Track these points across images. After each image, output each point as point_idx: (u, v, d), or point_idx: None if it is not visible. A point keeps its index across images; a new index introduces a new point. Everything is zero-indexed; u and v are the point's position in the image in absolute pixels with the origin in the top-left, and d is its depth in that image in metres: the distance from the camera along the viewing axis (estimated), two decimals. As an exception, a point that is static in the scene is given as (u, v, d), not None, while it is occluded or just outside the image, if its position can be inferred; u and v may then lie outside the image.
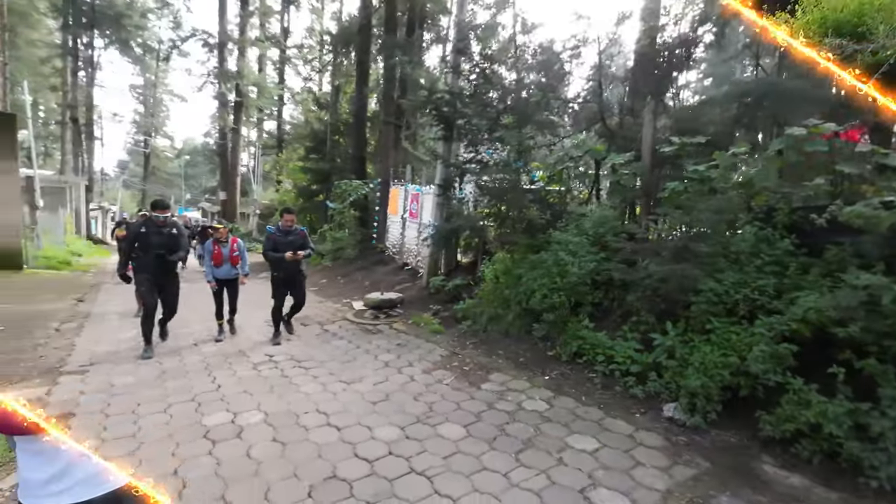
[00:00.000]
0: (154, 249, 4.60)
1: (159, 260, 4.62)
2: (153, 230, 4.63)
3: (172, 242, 4.71)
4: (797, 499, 2.47)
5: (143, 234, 4.63)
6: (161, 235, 4.64)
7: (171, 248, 4.69)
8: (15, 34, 21.42)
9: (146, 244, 4.60)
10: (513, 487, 2.57)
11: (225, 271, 5.34)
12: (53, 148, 33.94)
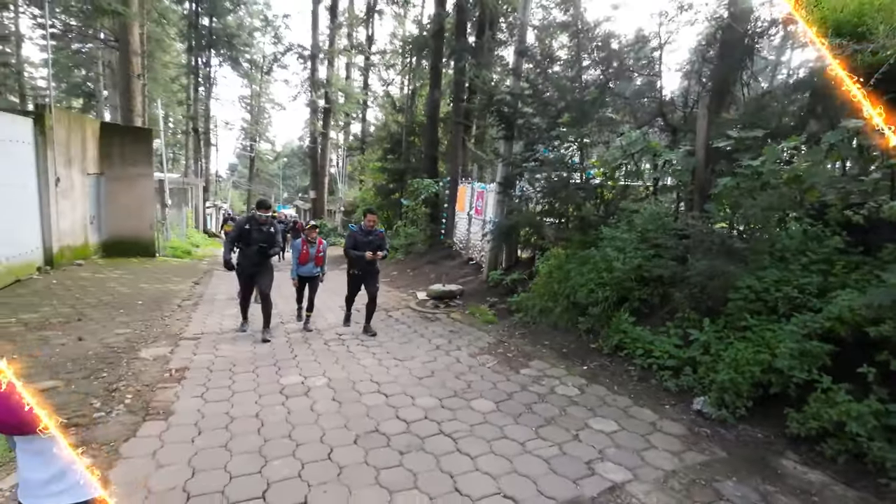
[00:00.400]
0: (255, 244, 5.22)
1: (259, 253, 5.22)
2: (255, 227, 5.22)
3: (270, 238, 5.29)
4: (809, 493, 2.50)
5: (246, 230, 5.24)
6: (261, 232, 5.22)
7: (269, 244, 5.29)
8: (152, 58, 25.37)
9: (248, 239, 5.22)
10: (525, 454, 2.89)
11: (308, 269, 5.71)
12: (179, 154, 39.49)
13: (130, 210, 10.73)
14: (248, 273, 5.34)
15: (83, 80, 31.47)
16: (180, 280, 8.91)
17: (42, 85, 33.11)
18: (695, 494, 2.48)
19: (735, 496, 2.46)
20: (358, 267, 5.51)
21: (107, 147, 10.22)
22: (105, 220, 10.40)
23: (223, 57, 31.98)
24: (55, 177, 7.96)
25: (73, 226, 8.86)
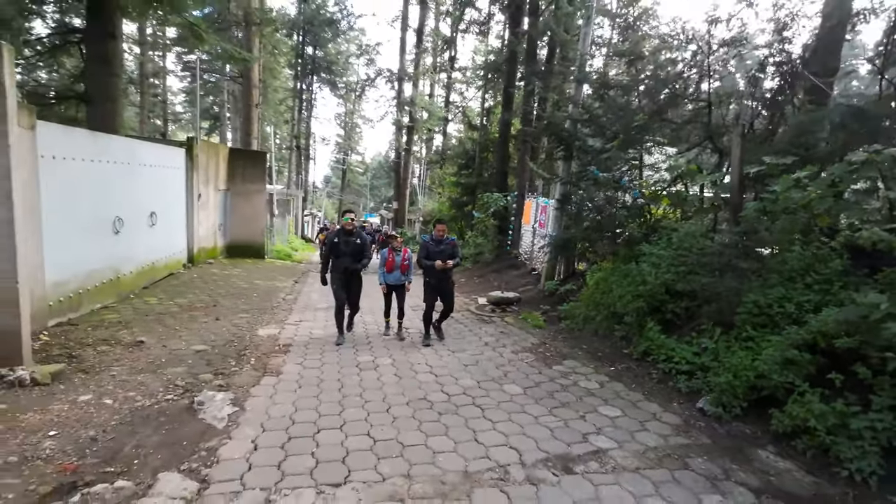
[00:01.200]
0: (343, 256, 5.51)
1: (349, 266, 5.53)
2: (343, 239, 5.54)
3: (358, 250, 5.56)
4: (769, 474, 2.97)
5: (335, 243, 5.57)
6: (349, 244, 5.52)
7: (357, 256, 5.55)
8: (266, 85, 29.31)
9: (337, 251, 5.54)
10: (536, 424, 3.65)
11: (395, 277, 5.81)
12: (283, 167, 44.48)
13: (247, 219, 12.97)
14: (340, 285, 5.55)
15: (211, 104, 36.94)
16: (284, 278, 10.71)
17: (180, 110, 39.58)
18: (664, 463, 3.08)
19: (700, 468, 3.02)
20: (432, 276, 5.64)
21: (232, 168, 12.53)
22: (229, 227, 12.70)
23: (323, 81, 35.78)
24: (198, 193, 10.13)
25: (207, 232, 11.08)
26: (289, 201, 24.39)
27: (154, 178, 8.19)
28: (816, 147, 4.82)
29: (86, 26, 9.46)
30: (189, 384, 4.06)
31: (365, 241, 5.64)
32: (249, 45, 18.25)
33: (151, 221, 8.04)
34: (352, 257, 5.50)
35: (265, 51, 23.94)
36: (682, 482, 2.86)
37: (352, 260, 5.50)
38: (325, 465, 2.93)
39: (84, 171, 5.96)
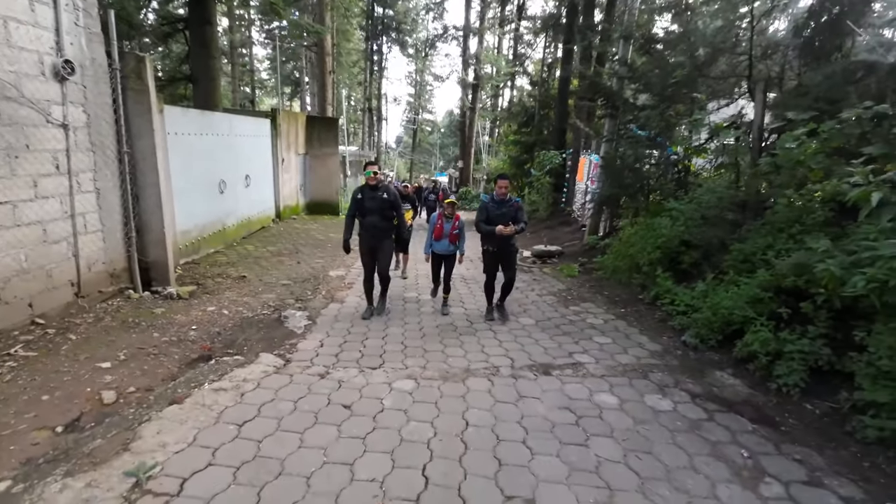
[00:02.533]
0: (370, 214, 4.84)
1: (377, 225, 4.85)
2: (368, 195, 4.83)
3: (385, 206, 4.84)
4: (713, 385, 3.63)
5: (359, 200, 4.86)
6: (374, 199, 4.81)
7: (384, 213, 4.86)
8: (339, 48, 30.67)
9: (363, 209, 4.85)
10: (534, 344, 4.53)
11: (443, 246, 5.28)
12: (358, 128, 46.58)
13: (323, 180, 14.58)
14: (368, 247, 4.98)
15: (291, 71, 39.34)
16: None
17: (266, 77, 42.60)
18: (628, 374, 3.85)
19: (656, 379, 3.76)
20: (492, 243, 4.95)
21: (309, 133, 14.05)
22: (308, 187, 14.41)
23: (392, 41, 36.42)
24: (281, 158, 11.74)
25: (290, 192, 12.81)
26: (361, 162, 26.07)
27: (247, 146, 9.78)
28: (842, 101, 4.86)
29: (188, 14, 11.11)
30: (278, 305, 5.46)
31: (395, 196, 4.93)
32: (322, 14, 19.45)
33: (247, 183, 9.71)
34: (380, 214, 4.83)
35: (338, 13, 25.04)
36: (634, 386, 3.64)
37: (380, 218, 4.84)
38: (367, 357, 4.10)
39: (196, 143, 7.52)
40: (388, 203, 4.87)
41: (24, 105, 3.66)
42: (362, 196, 4.87)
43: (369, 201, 4.83)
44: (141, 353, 3.76)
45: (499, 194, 4.91)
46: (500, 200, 4.89)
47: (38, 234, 3.92)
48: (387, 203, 4.86)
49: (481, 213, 5.00)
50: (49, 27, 3.84)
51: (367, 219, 4.89)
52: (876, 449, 2.69)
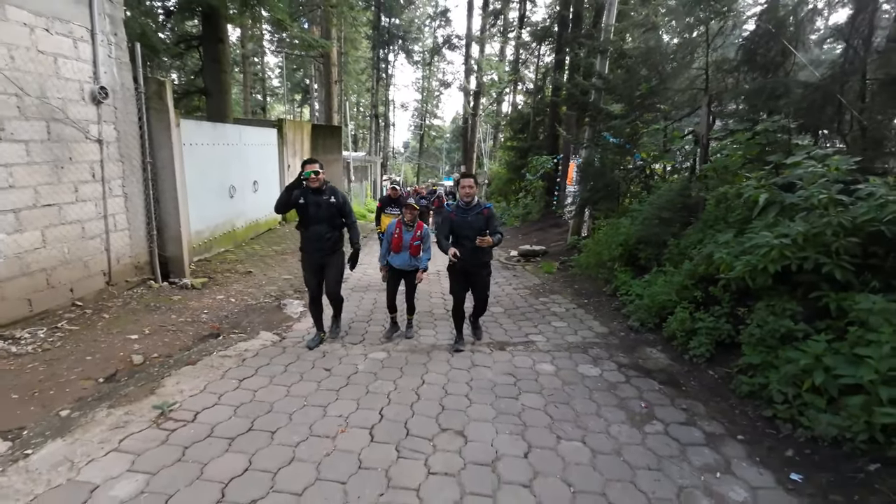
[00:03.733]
0: (316, 223, 3.95)
1: (322, 236, 3.98)
2: (312, 200, 3.91)
3: (334, 212, 3.99)
4: (639, 357, 4.27)
5: (302, 205, 3.92)
6: (320, 206, 3.92)
7: (333, 221, 4.02)
8: (346, 56, 31.68)
9: (306, 216, 3.95)
10: (499, 328, 5.20)
11: (402, 260, 4.40)
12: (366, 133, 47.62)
13: (328, 184, 15.42)
14: (313, 264, 4.11)
15: (301, 79, 40.45)
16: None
17: (276, 84, 43.84)
18: (570, 350, 4.51)
19: (593, 353, 4.41)
20: (461, 261, 4.00)
21: (314, 141, 14.88)
22: (313, 191, 15.26)
23: (399, 49, 37.41)
24: (287, 164, 12.56)
25: (296, 195, 13.64)
26: (367, 167, 26.94)
27: (255, 154, 10.61)
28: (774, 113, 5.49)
29: (201, 33, 12.02)
30: (279, 295, 6.21)
31: (343, 199, 4.06)
32: (328, 25, 20.37)
33: (255, 188, 10.53)
34: (328, 223, 3.97)
35: (345, 23, 25.98)
36: (572, 358, 4.30)
37: (328, 227, 3.97)
38: (350, 335, 4.82)
39: (209, 152, 8.34)
40: (336, 208, 4.00)
41: (69, 125, 4.47)
42: (305, 202, 3.89)
43: (313, 207, 3.90)
44: (161, 329, 4.52)
45: (463, 196, 4.05)
46: (466, 206, 4.04)
47: (78, 231, 4.72)
48: (334, 208, 3.99)
49: (443, 225, 4.14)
50: (88, 60, 4.65)
51: (311, 229, 3.95)
52: (747, 401, 3.32)
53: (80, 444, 2.61)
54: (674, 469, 2.64)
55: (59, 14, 4.30)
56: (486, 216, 4.06)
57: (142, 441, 2.68)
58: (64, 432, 2.71)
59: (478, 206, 4.12)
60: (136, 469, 2.43)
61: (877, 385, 2.47)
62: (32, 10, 4.05)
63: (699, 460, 2.72)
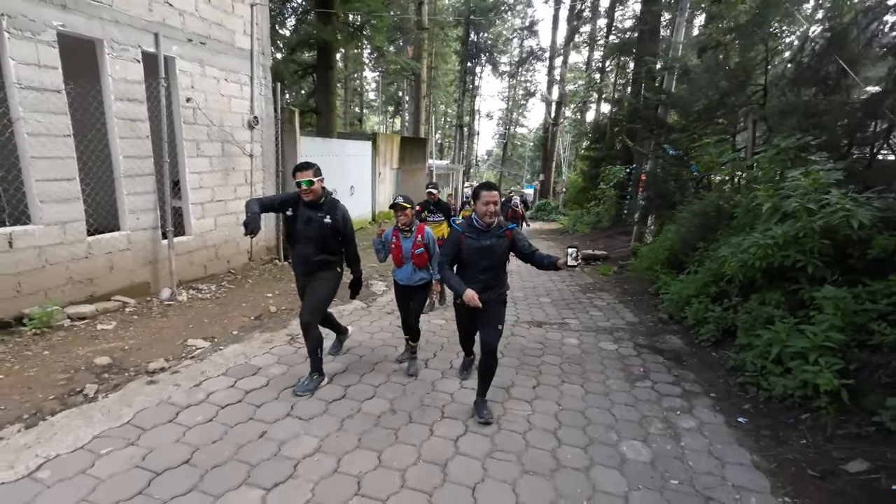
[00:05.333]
0: (304, 242, 3.27)
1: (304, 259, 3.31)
2: (303, 215, 3.24)
3: (328, 233, 3.25)
4: (659, 341, 5.00)
5: (291, 218, 3.29)
6: (311, 224, 3.23)
7: (326, 244, 3.28)
8: (436, 70, 33.88)
9: (295, 232, 3.32)
10: (541, 311, 6.17)
11: (406, 274, 3.65)
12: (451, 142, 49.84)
13: (411, 189, 17.13)
14: (300, 285, 3.49)
15: (394, 91, 43.68)
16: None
17: (372, 97, 47.77)
18: (597, 331, 5.35)
19: (616, 335, 5.21)
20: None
21: (402, 151, 16.72)
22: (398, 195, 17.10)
23: (485, 61, 39.00)
24: (378, 172, 14.45)
25: (385, 199, 15.50)
26: (449, 175, 28.65)
27: (353, 163, 12.54)
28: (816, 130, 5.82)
29: (316, 62, 14.38)
30: (366, 277, 7.74)
31: (343, 220, 3.31)
32: (420, 45, 22.41)
33: (351, 192, 12.45)
34: (316, 245, 3.27)
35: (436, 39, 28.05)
36: (597, 337, 5.15)
37: (315, 249, 3.28)
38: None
39: (317, 162, 10.28)
40: (332, 229, 3.26)
41: (234, 144, 6.34)
42: (294, 214, 3.27)
43: (303, 224, 3.24)
44: (285, 292, 6.19)
45: (483, 216, 2.93)
46: (486, 227, 2.97)
47: (234, 220, 6.59)
48: (328, 229, 3.25)
49: (449, 245, 3.07)
50: (247, 98, 6.52)
51: (296, 249, 3.34)
52: (731, 372, 3.99)
53: (248, 347, 4.16)
54: (644, 407, 3.50)
55: (234, 68, 6.18)
56: (510, 240, 3.03)
57: (280, 350, 4.18)
58: (237, 341, 4.31)
59: (498, 227, 3.01)
60: (280, 363, 3.90)
61: (810, 351, 3.14)
62: (219, 67, 5.95)
63: (668, 404, 3.55)
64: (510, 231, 3.09)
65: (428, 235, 3.66)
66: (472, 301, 2.84)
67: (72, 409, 2.92)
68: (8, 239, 3.97)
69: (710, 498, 2.46)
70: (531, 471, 2.64)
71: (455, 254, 3.07)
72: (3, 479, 2.26)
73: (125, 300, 4.94)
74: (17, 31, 3.87)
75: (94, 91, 4.66)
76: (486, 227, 3.01)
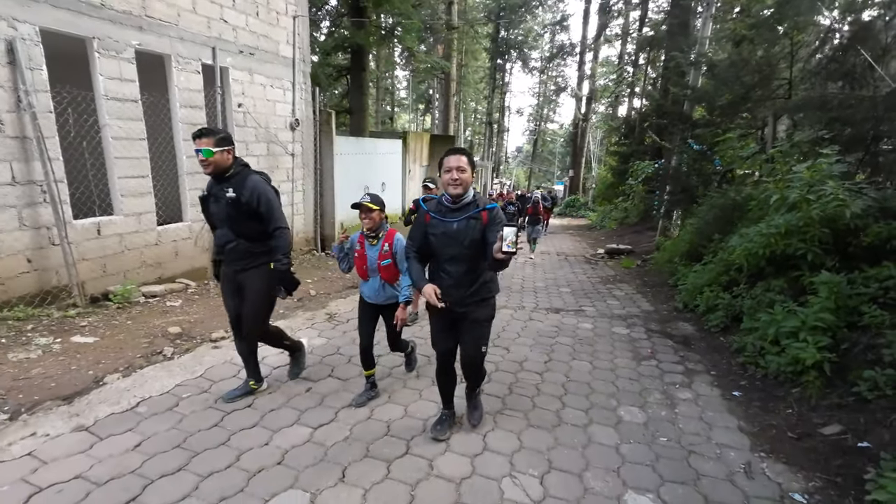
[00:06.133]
0: (216, 228, 2.82)
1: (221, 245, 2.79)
2: (214, 192, 2.72)
3: (235, 214, 2.66)
4: (671, 327, 5.26)
5: (202, 199, 2.81)
6: (219, 202, 2.69)
7: (241, 226, 2.70)
8: (466, 67, 34.19)
9: (206, 216, 2.86)
10: (559, 299, 6.51)
11: (373, 290, 2.97)
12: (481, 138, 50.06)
13: (439, 186, 17.65)
14: (227, 275, 2.91)
15: (425, 90, 44.26)
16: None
17: (403, 95, 48.57)
18: (612, 318, 5.66)
19: (629, 321, 5.50)
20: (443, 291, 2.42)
21: (431, 148, 17.22)
22: (428, 192, 17.65)
23: (515, 58, 39.00)
24: (408, 169, 15.01)
25: (413, 194, 16.05)
26: (478, 171, 28.97)
27: (384, 160, 13.13)
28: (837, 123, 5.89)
29: (350, 65, 15.05)
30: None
31: (257, 199, 2.66)
32: (449, 44, 22.81)
33: (382, 188, 13.04)
34: (230, 227, 2.73)
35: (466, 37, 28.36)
36: (611, 322, 5.47)
37: (230, 232, 2.74)
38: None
39: (351, 160, 10.90)
40: (239, 208, 2.67)
41: (278, 145, 6.98)
42: (207, 193, 2.79)
43: (214, 204, 2.76)
44: (324, 280, 6.79)
45: (448, 186, 2.39)
46: (453, 204, 2.42)
47: (277, 213, 7.24)
48: (235, 208, 2.67)
49: (415, 228, 2.56)
50: (290, 102, 7.15)
51: (216, 233, 2.86)
52: (734, 354, 4.25)
53: (292, 323, 4.75)
54: (646, 380, 3.83)
55: (278, 75, 6.82)
56: (487, 221, 2.37)
57: (321, 325, 4.74)
58: (283, 318, 4.91)
59: (473, 204, 2.41)
60: (322, 336, 4.46)
61: (801, 331, 3.40)
62: (266, 75, 6.59)
63: (670, 379, 3.87)
64: (486, 212, 2.37)
65: (398, 243, 2.91)
66: (430, 297, 2.33)
67: (155, 365, 3.55)
68: (97, 227, 4.69)
69: (693, 452, 2.80)
70: (535, 425, 3.05)
71: (422, 240, 2.51)
72: (113, 411, 2.88)
73: (187, 282, 5.64)
74: (105, 51, 4.56)
75: (163, 100, 5.35)
76: (453, 202, 2.40)
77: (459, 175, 2.36)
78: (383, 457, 2.60)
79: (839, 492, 2.37)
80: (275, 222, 2.77)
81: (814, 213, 3.77)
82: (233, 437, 2.70)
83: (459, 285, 2.47)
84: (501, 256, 2.12)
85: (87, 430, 2.69)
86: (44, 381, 3.18)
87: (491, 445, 2.78)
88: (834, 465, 2.57)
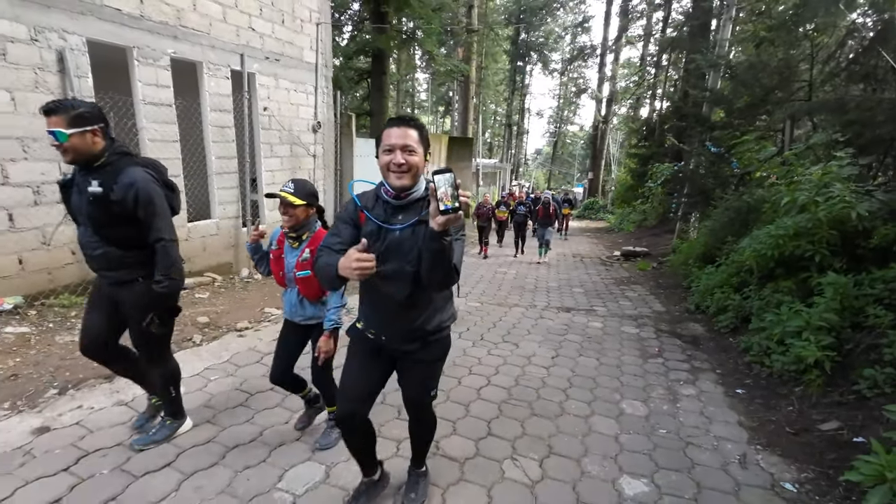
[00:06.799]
0: (80, 225, 2.17)
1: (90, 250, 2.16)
2: (78, 182, 2.10)
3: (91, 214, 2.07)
4: (681, 327, 5.31)
5: (62, 184, 2.17)
6: (81, 198, 2.07)
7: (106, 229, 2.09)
8: (486, 69, 34.32)
9: (69, 208, 2.20)
10: (571, 298, 6.60)
11: (290, 303, 2.41)
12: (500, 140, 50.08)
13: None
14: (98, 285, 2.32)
15: (445, 91, 44.56)
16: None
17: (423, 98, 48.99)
18: (623, 317, 5.73)
19: (640, 321, 5.57)
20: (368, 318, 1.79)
21: (449, 150, 17.43)
22: (446, 193, 17.85)
23: (535, 60, 38.94)
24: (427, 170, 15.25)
25: (432, 196, 16.32)
26: (496, 173, 29.06)
27: (402, 162, 13.41)
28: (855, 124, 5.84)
29: (371, 68, 15.40)
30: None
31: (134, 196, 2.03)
32: (469, 47, 23.00)
33: (400, 189, 13.33)
34: (94, 230, 2.12)
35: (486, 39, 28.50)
36: (621, 322, 5.55)
37: (94, 237, 2.13)
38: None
39: (371, 161, 11.14)
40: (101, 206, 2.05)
41: (301, 146, 7.29)
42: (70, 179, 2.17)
43: (77, 198, 2.13)
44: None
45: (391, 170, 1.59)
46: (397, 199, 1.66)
47: (299, 212, 7.54)
48: (101, 206, 2.05)
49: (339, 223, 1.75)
50: (312, 105, 7.45)
51: (78, 231, 2.21)
52: (742, 353, 4.30)
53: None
54: (651, 377, 3.93)
55: (301, 80, 7.12)
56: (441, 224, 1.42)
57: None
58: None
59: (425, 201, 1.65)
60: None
61: (805, 330, 3.45)
62: (290, 79, 6.90)
63: (675, 376, 3.95)
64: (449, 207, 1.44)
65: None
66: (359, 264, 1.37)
67: (186, 350, 3.83)
68: (133, 223, 5.03)
69: (691, 443, 2.91)
70: (539, 414, 3.20)
71: (349, 240, 1.64)
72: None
73: (214, 276, 5.96)
74: (143, 59, 4.91)
75: (195, 104, 5.69)
76: (396, 197, 1.64)
77: (407, 158, 1.56)
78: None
79: (829, 483, 2.45)
80: (156, 232, 2.09)
81: (821, 214, 3.81)
82: (257, 415, 2.94)
83: (400, 317, 1.69)
84: (440, 225, 1.34)
85: (126, 404, 2.97)
86: (87, 362, 3.46)
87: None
88: (828, 458, 2.64)
